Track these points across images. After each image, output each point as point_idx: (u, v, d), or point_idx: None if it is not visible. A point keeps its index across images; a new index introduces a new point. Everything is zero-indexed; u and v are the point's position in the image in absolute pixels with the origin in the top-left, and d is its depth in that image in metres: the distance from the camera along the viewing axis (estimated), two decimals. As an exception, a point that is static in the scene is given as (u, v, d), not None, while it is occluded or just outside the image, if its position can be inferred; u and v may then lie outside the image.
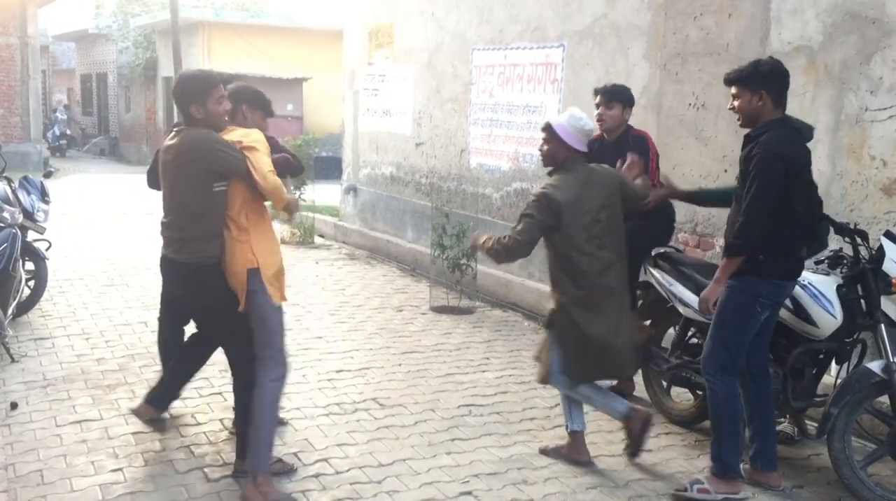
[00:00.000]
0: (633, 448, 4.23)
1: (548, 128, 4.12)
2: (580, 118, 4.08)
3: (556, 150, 4.10)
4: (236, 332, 3.86)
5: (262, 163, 3.71)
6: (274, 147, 4.20)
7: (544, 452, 4.36)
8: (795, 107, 5.30)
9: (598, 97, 5.11)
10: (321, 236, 11.57)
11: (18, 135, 19.76)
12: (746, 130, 3.92)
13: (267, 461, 3.82)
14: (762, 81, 3.80)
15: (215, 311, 3.89)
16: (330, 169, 16.94)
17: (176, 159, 3.74)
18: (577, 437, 4.27)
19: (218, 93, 3.77)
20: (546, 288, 7.38)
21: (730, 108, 3.98)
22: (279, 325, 3.91)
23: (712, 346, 3.96)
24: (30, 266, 6.48)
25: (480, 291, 7.87)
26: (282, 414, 4.78)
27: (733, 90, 3.90)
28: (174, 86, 3.85)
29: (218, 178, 3.72)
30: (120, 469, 4.01)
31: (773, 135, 3.74)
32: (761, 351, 4.07)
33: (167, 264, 3.91)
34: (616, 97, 5.07)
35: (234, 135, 3.81)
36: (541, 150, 4.21)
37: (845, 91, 5.04)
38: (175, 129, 3.88)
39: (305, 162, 11.85)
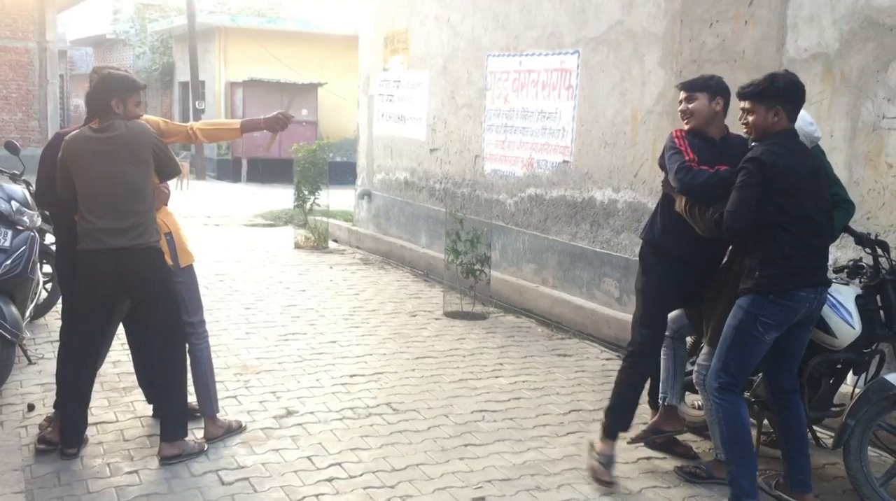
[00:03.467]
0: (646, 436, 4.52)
1: None
2: (805, 117, 3.99)
3: None
4: (175, 308, 4.15)
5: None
6: None
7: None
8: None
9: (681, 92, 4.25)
10: (335, 241, 11.61)
11: (36, 138, 19.90)
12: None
13: (217, 405, 4.48)
14: (778, 96, 3.71)
15: (165, 293, 4.09)
16: (344, 174, 17.02)
17: (123, 148, 3.90)
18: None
19: (138, 97, 4.05)
20: (558, 294, 7.42)
21: (742, 123, 3.86)
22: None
23: (714, 364, 3.88)
24: (47, 268, 6.52)
25: (494, 297, 7.87)
26: (296, 419, 4.82)
27: (746, 104, 3.78)
28: (100, 80, 3.96)
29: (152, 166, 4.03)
30: (135, 472, 4.03)
31: (770, 145, 3.70)
32: (787, 373, 3.94)
33: (118, 256, 3.90)
34: (698, 87, 4.13)
35: None
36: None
37: (862, 99, 5.02)
38: (90, 127, 3.96)
39: (320, 167, 12.03)
